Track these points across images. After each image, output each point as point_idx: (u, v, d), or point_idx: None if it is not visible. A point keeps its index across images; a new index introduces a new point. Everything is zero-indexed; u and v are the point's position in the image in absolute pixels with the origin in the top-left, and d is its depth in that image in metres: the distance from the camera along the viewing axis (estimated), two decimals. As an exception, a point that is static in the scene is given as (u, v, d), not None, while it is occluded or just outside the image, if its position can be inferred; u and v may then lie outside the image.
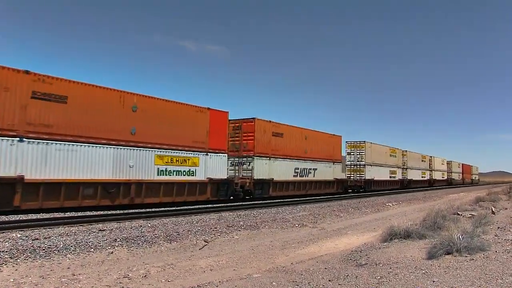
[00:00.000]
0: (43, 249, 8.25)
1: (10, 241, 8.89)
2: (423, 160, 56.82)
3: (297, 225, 13.71)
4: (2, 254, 7.66)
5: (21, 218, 12.41)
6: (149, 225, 12.18)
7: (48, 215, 13.37)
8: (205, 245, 9.73)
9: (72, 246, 8.66)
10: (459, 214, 13.12)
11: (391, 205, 23.28)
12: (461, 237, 6.90)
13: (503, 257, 6.34)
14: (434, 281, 5.19)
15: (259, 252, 9.13)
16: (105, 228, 11.17)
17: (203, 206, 18.38)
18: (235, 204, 19.98)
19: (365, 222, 14.98)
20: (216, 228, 11.96)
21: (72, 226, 11.40)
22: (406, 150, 49.39)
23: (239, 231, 11.93)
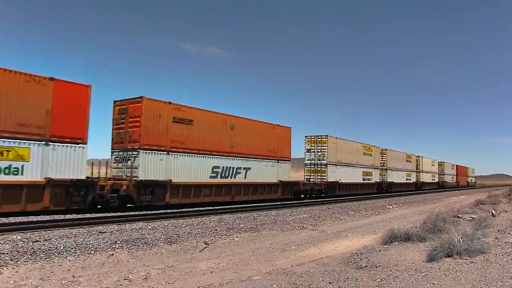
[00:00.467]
0: (44, 251, 8.26)
1: (10, 243, 8.90)
2: (408, 160, 50.99)
3: (297, 227, 13.71)
4: (2, 256, 7.67)
5: (21, 220, 12.42)
6: (150, 227, 12.18)
7: (48, 217, 13.38)
8: (205, 247, 9.73)
9: (72, 248, 8.67)
10: (459, 217, 13.10)
11: (392, 207, 23.27)
12: (461, 239, 6.89)
13: (503, 259, 6.34)
14: (434, 284, 5.19)
15: (259, 254, 9.13)
16: (105, 230, 11.18)
17: (204, 208, 18.38)
18: (235, 207, 19.90)
19: (365, 225, 14.98)
20: (216, 230, 11.96)
21: (73, 228, 11.40)
22: (386, 149, 44.18)
23: (240, 233, 11.94)
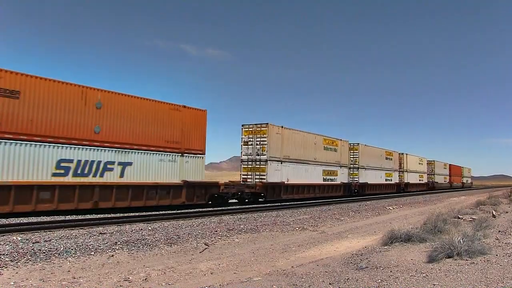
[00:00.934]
0: (44, 252, 8.25)
1: (10, 244, 8.89)
2: (388, 157, 43.61)
3: (297, 228, 13.70)
4: (2, 257, 7.66)
5: (21, 221, 12.41)
6: (150, 228, 12.17)
7: (48, 218, 13.38)
8: (205, 249, 9.72)
9: (72, 249, 8.66)
10: (459, 218, 13.10)
11: (392, 208, 23.26)
12: (461, 240, 6.89)
13: (504, 260, 6.33)
14: (434, 285, 5.18)
15: (259, 255, 9.12)
16: (106, 231, 11.17)
17: (204, 209, 18.37)
18: (235, 208, 19.92)
19: (365, 226, 14.96)
20: (216, 232, 11.96)
21: (73, 229, 11.39)
22: (358, 143, 37.26)
23: (240, 234, 11.93)
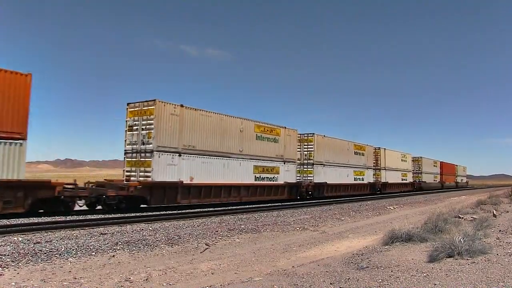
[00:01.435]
0: (45, 253, 8.26)
1: (11, 244, 8.91)
2: (358, 152, 36.45)
3: (298, 228, 13.70)
4: (3, 258, 7.68)
5: (22, 222, 12.43)
6: (151, 228, 12.18)
7: (49, 219, 13.39)
8: (206, 249, 9.73)
9: (73, 250, 8.67)
10: (460, 217, 13.09)
11: (393, 208, 23.25)
12: (462, 240, 6.89)
13: (504, 260, 6.34)
14: (435, 284, 5.19)
15: (260, 255, 9.13)
16: (107, 232, 11.18)
17: (204, 210, 18.38)
18: (236, 208, 19.93)
19: (366, 226, 14.96)
20: (217, 232, 11.96)
21: (74, 230, 11.40)
22: (313, 134, 30.19)
23: (241, 234, 11.93)
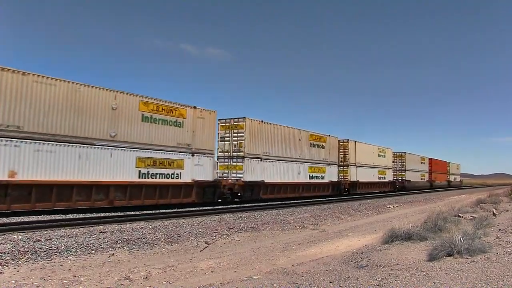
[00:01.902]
0: (44, 251, 8.26)
1: (11, 242, 8.90)
2: (316, 145, 29.86)
3: (298, 227, 13.70)
4: (3, 256, 7.68)
5: (22, 220, 12.42)
6: (150, 227, 12.18)
7: (49, 217, 13.38)
8: (206, 247, 9.73)
9: (73, 248, 8.67)
10: (460, 216, 13.10)
11: (393, 207, 23.26)
12: (462, 239, 6.89)
13: (504, 259, 6.34)
14: (435, 283, 5.19)
15: (260, 254, 9.13)
16: (106, 230, 11.18)
17: (204, 208, 18.39)
18: (236, 206, 19.95)
19: (366, 224, 14.97)
20: (217, 230, 11.96)
21: (73, 228, 11.40)
22: (244, 118, 23.24)
23: (240, 233, 11.94)
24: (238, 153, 23.16)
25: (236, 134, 23.36)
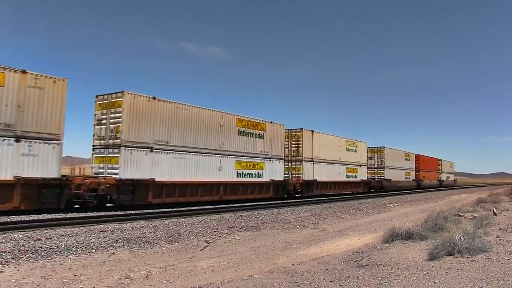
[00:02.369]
0: (45, 250, 8.27)
1: (12, 241, 8.91)
2: (249, 132, 23.73)
3: (298, 226, 13.70)
4: (4, 255, 7.68)
5: (22, 219, 12.44)
6: (150, 226, 12.19)
7: (49, 216, 13.39)
8: (206, 246, 9.74)
9: (73, 247, 8.68)
10: (460, 216, 13.10)
11: (393, 206, 23.26)
12: (462, 238, 6.89)
13: (504, 258, 6.33)
14: (435, 282, 5.18)
15: (260, 253, 9.13)
16: (107, 229, 11.19)
17: (204, 207, 18.40)
18: (237, 205, 19.96)
19: (366, 223, 14.97)
20: (217, 229, 11.97)
21: (74, 227, 11.41)
22: (123, 92, 17.10)
23: (241, 232, 11.94)
24: (114, 141, 17.15)
25: (113, 115, 17.39)
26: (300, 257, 8.65)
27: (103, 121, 17.60)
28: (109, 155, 17.23)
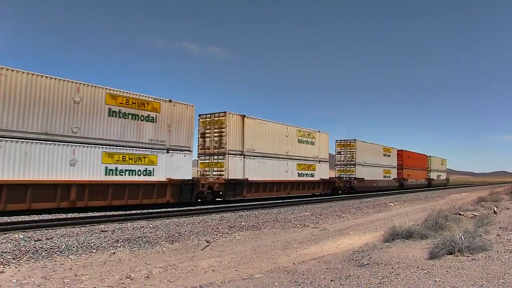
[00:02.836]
0: (46, 250, 8.27)
1: (12, 242, 8.92)
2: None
3: (299, 225, 13.71)
4: (4, 255, 7.69)
5: (23, 219, 12.44)
6: (151, 226, 12.20)
7: (50, 216, 13.40)
8: (207, 246, 9.74)
9: (74, 247, 8.68)
10: (461, 214, 13.10)
11: (393, 205, 23.26)
12: (462, 237, 6.89)
13: (505, 257, 6.34)
14: (436, 281, 5.19)
15: (261, 252, 9.13)
16: (107, 229, 11.20)
17: (204, 207, 18.41)
18: (236, 205, 19.96)
19: (367, 223, 14.97)
20: (218, 229, 11.97)
21: (74, 227, 11.42)
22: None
23: (241, 231, 11.94)
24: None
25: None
26: (301, 256, 8.66)
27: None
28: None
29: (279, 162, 26.27)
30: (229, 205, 19.77)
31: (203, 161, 23.31)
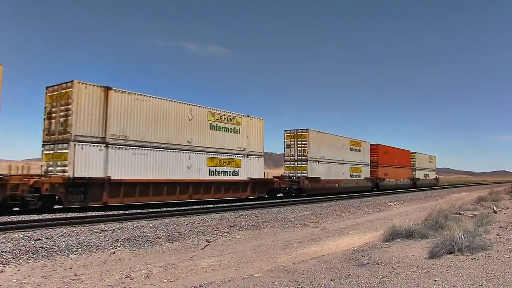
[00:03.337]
0: (46, 250, 8.27)
1: (12, 241, 8.92)
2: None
3: (299, 225, 13.71)
4: (4, 255, 7.69)
5: (23, 219, 12.44)
6: (151, 225, 12.19)
7: (49, 216, 13.39)
8: (207, 245, 9.74)
9: (74, 247, 8.68)
10: (460, 214, 13.10)
11: (393, 205, 23.26)
12: (462, 236, 6.89)
13: (505, 256, 6.34)
14: (436, 280, 5.19)
15: (261, 252, 9.13)
16: (107, 229, 11.19)
17: (204, 206, 18.41)
18: (236, 204, 19.97)
19: (367, 222, 14.98)
20: (218, 228, 11.97)
21: (74, 227, 11.41)
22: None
23: (241, 231, 11.94)
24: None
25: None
26: (301, 255, 8.66)
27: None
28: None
29: (175, 155, 19.41)
30: (229, 204, 19.75)
31: (48, 151, 16.22)
